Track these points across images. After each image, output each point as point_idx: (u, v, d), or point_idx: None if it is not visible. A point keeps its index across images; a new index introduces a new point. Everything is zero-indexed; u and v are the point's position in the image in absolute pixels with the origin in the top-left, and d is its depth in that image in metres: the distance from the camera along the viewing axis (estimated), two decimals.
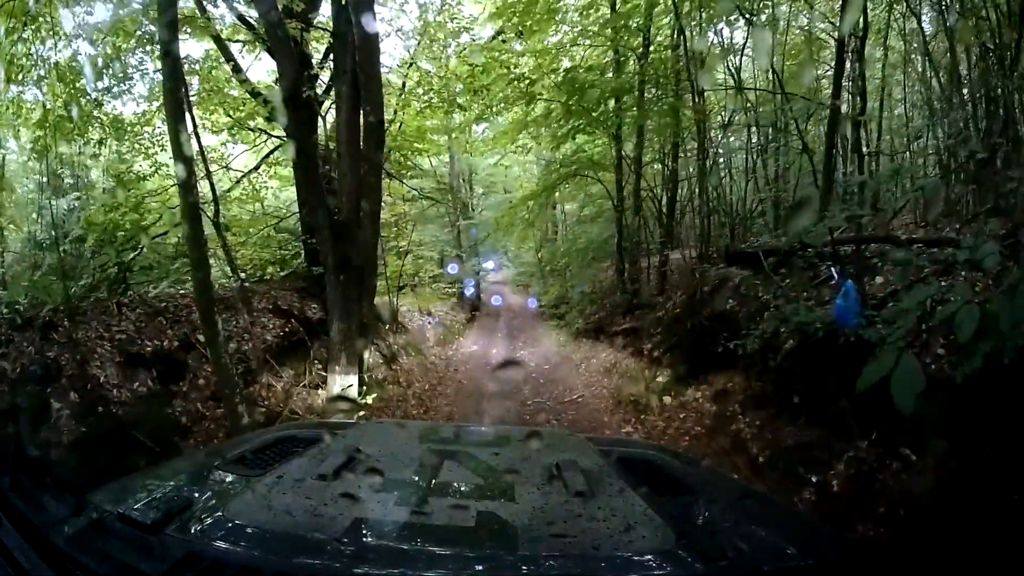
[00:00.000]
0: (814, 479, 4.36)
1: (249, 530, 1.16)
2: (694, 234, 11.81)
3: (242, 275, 10.75)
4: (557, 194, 18.53)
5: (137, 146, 11.23)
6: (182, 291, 9.53)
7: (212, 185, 9.66)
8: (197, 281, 4.79)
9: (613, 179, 12.46)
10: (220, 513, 1.22)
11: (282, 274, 11.71)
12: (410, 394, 8.91)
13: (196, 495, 1.37)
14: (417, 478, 1.53)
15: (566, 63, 11.47)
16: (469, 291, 21.17)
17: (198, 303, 5.08)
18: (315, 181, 5.40)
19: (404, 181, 11.21)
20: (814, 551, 1.30)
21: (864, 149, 6.13)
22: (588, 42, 11.47)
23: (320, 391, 6.82)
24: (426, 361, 11.67)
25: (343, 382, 5.84)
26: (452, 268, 20.52)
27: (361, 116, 5.45)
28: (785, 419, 5.05)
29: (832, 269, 5.90)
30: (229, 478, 1.51)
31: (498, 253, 24.19)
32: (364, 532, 1.20)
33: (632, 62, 11.03)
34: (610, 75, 11.06)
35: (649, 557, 1.13)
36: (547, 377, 10.65)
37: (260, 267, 13.35)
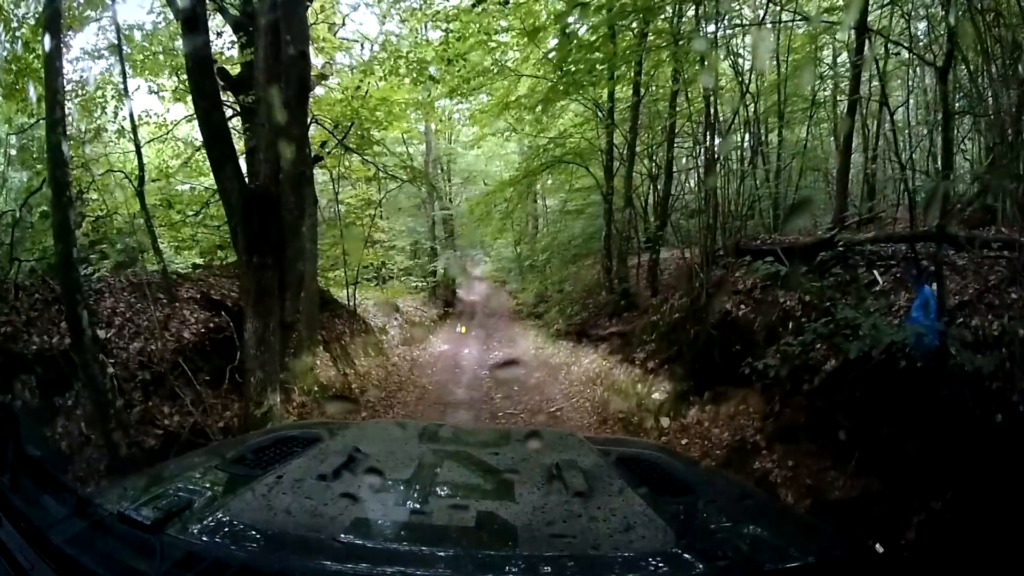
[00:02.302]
0: (879, 548, 3.26)
1: (249, 530, 1.16)
2: (680, 232, 10.83)
3: (172, 258, 9.36)
4: (539, 186, 17.39)
5: (81, 107, 10.04)
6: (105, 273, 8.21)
7: (138, 149, 8.37)
8: (59, 256, 3.49)
9: (601, 168, 11.35)
10: (220, 513, 1.20)
11: (231, 260, 10.38)
12: (362, 402, 7.65)
13: (196, 495, 1.31)
14: (417, 478, 1.50)
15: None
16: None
17: (61, 287, 3.79)
18: (218, 128, 4.08)
19: (365, 157, 9.88)
20: (814, 551, 1.28)
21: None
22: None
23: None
24: (387, 363, 10.39)
25: (258, 394, 4.59)
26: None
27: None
28: (828, 460, 3.94)
29: (875, 272, 4.83)
30: (229, 478, 1.50)
31: (475, 246, 22.91)
32: (364, 532, 1.19)
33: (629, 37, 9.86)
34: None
35: (649, 557, 1.11)
36: (522, 384, 9.49)
37: (210, 251, 11.96)
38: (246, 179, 4.38)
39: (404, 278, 17.25)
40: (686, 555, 1.09)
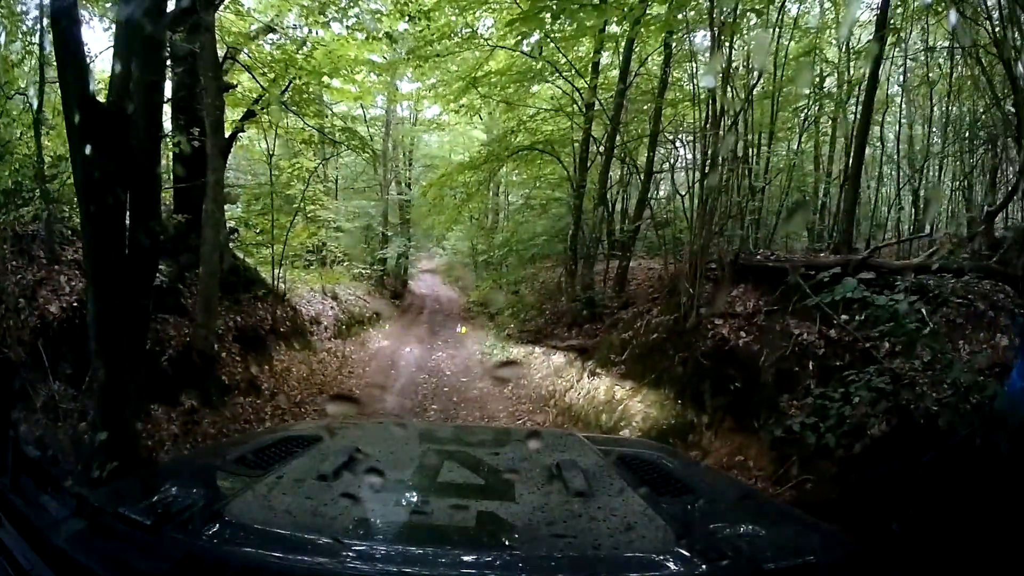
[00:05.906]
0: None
1: (249, 530, 1.15)
2: (662, 239, 9.87)
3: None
4: (502, 178, 16.20)
5: None
6: None
7: (41, 67, 6.68)
8: None
9: (573, 161, 10.26)
10: (220, 513, 1.18)
11: None
12: (268, 410, 6.25)
13: (196, 495, 1.27)
14: (417, 478, 1.50)
15: None
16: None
17: None
18: (67, 21, 2.66)
19: (303, 116, 8.43)
20: (814, 551, 1.24)
21: None
22: None
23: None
24: (313, 359, 8.97)
25: (103, 404, 3.23)
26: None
27: None
28: (871, 556, 2.90)
29: (922, 310, 3.84)
30: (229, 478, 1.49)
31: (430, 236, 21.51)
32: (364, 532, 1.19)
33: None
34: None
35: (649, 557, 1.12)
36: (463, 395, 8.31)
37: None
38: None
39: (349, 263, 15.69)
40: (686, 555, 1.07)
